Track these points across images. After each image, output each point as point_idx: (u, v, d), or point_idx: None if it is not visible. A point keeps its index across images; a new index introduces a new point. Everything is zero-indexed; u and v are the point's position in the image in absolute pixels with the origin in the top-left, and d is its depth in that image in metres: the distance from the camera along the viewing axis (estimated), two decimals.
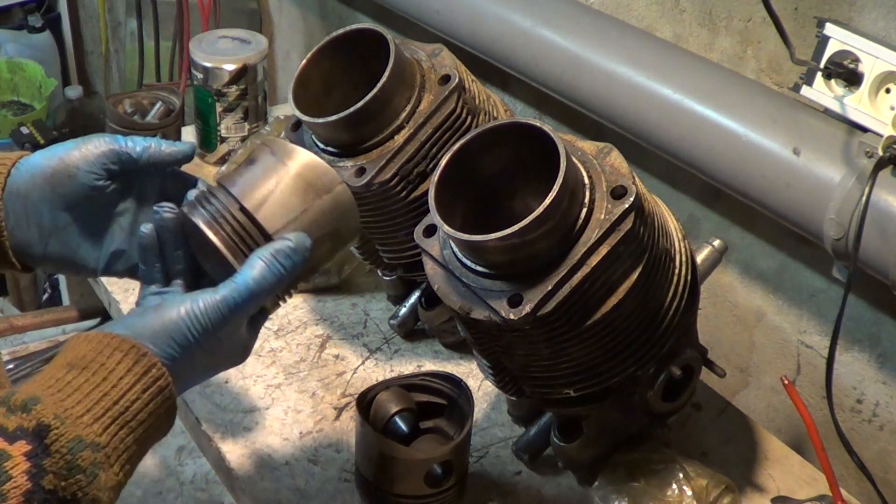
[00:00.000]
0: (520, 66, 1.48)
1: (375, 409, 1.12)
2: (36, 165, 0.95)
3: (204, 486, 1.33)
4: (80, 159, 0.94)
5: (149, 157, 0.96)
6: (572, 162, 0.95)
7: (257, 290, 0.86)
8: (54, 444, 0.76)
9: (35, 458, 0.75)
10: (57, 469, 0.76)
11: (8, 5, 3.26)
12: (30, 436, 0.76)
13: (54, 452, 0.76)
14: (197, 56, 1.70)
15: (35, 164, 0.95)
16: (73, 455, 0.76)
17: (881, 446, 1.29)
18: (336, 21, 2.14)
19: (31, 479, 0.75)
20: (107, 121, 1.67)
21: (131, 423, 0.81)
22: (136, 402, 0.81)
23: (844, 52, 1.13)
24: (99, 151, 0.95)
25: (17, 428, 0.76)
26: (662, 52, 1.33)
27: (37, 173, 0.95)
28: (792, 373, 1.38)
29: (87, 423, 0.79)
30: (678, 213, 1.14)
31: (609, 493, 1.09)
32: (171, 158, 0.97)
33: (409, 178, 1.14)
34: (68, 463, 0.76)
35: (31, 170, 0.95)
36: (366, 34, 1.15)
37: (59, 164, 0.94)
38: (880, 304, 1.25)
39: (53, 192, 0.95)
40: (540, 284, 0.93)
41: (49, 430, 0.76)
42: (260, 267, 0.86)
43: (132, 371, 0.81)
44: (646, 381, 1.07)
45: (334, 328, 1.40)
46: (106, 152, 0.95)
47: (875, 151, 1.08)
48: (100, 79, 3.34)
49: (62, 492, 0.76)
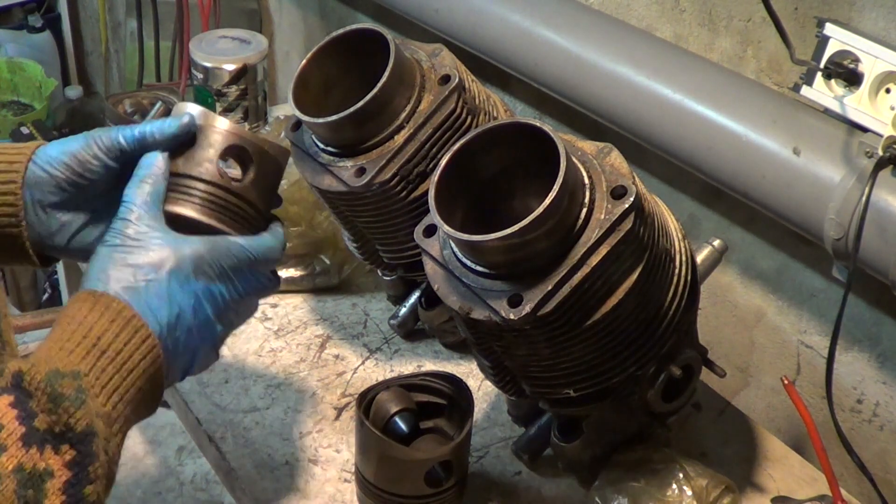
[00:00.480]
0: (520, 66, 1.48)
1: (375, 409, 1.12)
2: (54, 159, 0.96)
3: (204, 486, 1.33)
4: (92, 154, 0.96)
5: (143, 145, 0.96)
6: (572, 162, 0.95)
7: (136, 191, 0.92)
8: (31, 383, 0.77)
9: (20, 404, 0.76)
10: (43, 406, 0.76)
11: (8, 5, 3.26)
12: (8, 390, 0.77)
13: (35, 391, 0.77)
14: (197, 56, 1.70)
15: (53, 156, 0.96)
16: (53, 386, 0.77)
17: (881, 446, 1.29)
18: (336, 21, 2.14)
19: (22, 422, 0.75)
20: (107, 121, 1.67)
21: (107, 353, 0.82)
22: (106, 333, 0.83)
23: (844, 52, 1.13)
24: (103, 147, 0.96)
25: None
26: (662, 52, 1.33)
27: (55, 167, 0.96)
28: (792, 373, 1.38)
29: (61, 358, 0.80)
30: (678, 213, 1.14)
31: (609, 493, 1.09)
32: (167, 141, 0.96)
33: (409, 178, 1.14)
34: (50, 395, 0.77)
35: (49, 162, 0.96)
36: (366, 34, 1.15)
37: (72, 159, 0.96)
38: (880, 304, 1.25)
39: (72, 185, 0.97)
40: (540, 284, 0.93)
41: (22, 375, 0.78)
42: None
43: (94, 310, 0.84)
44: (646, 381, 1.07)
45: (334, 328, 1.40)
46: (109, 145, 0.96)
47: (875, 151, 1.08)
48: (100, 79, 3.34)
49: (56, 426, 0.76)
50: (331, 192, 1.17)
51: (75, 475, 0.76)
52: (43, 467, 0.75)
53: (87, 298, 0.85)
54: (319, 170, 1.17)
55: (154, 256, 0.89)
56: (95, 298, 0.85)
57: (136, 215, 0.90)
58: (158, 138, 0.95)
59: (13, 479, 0.73)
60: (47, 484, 0.75)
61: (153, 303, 0.87)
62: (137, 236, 0.90)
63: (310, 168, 1.18)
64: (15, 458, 0.74)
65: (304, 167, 1.19)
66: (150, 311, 0.87)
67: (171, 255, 0.90)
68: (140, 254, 0.89)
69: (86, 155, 0.96)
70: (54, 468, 0.75)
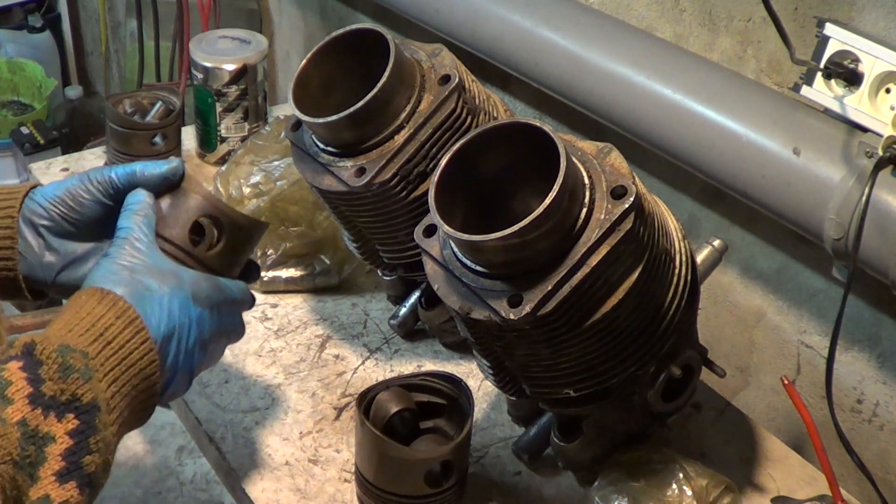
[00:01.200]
0: (520, 66, 1.48)
1: (375, 409, 1.12)
2: (48, 194, 1.01)
3: (204, 486, 1.33)
4: (85, 189, 1.00)
5: (133, 181, 1.01)
6: (572, 162, 0.95)
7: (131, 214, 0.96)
8: (43, 353, 0.80)
9: (29, 369, 0.78)
10: (52, 374, 0.79)
11: (8, 5, 3.26)
12: (18, 356, 0.79)
13: (45, 359, 0.79)
14: (197, 56, 1.70)
15: (47, 193, 1.01)
16: (64, 357, 0.80)
17: (881, 446, 1.29)
18: (336, 21, 2.14)
19: (30, 383, 0.77)
20: (107, 121, 1.67)
21: (112, 345, 0.84)
22: (112, 327, 0.85)
23: (844, 52, 1.13)
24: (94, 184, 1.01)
25: (4, 357, 0.79)
26: (662, 52, 1.33)
27: (48, 202, 1.00)
28: (792, 373, 1.38)
29: (71, 338, 0.83)
30: (678, 213, 1.14)
31: (609, 493, 1.09)
32: (156, 179, 1.01)
33: (409, 178, 1.14)
34: (61, 365, 0.79)
35: (44, 198, 1.01)
36: (366, 34, 1.15)
37: (66, 194, 1.00)
38: (880, 304, 1.25)
39: (64, 219, 1.00)
40: (540, 284, 0.93)
41: (34, 345, 0.80)
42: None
43: (101, 303, 0.87)
44: (646, 381, 1.07)
45: (334, 328, 1.40)
46: (101, 182, 1.00)
47: (875, 151, 1.08)
48: (100, 79, 3.35)
49: (62, 394, 0.78)
50: (331, 192, 1.17)
51: (77, 444, 0.78)
52: (46, 431, 0.77)
53: (94, 293, 0.88)
54: (319, 170, 1.17)
55: (157, 273, 0.92)
56: (103, 294, 0.88)
57: (136, 237, 0.94)
58: (147, 176, 0.99)
59: (17, 430, 0.75)
60: (48, 448, 0.77)
61: (154, 312, 0.90)
62: (139, 254, 0.93)
63: (310, 168, 1.18)
64: (20, 413, 0.76)
65: (304, 167, 1.19)
66: (151, 319, 0.89)
67: (173, 276, 0.93)
68: (143, 268, 0.92)
69: (79, 190, 1.00)
70: (56, 434, 0.77)
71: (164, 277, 0.92)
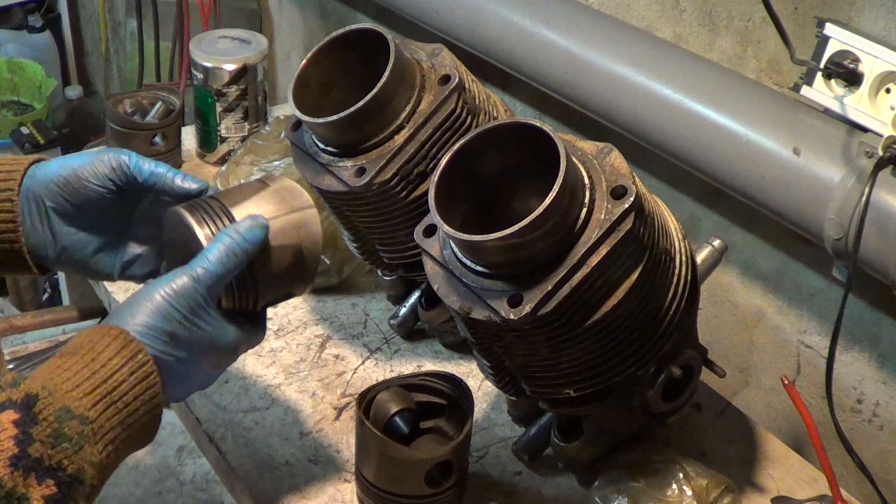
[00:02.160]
0: (520, 66, 1.48)
1: (375, 409, 1.12)
2: (51, 173, 0.98)
3: (204, 486, 1.33)
4: (91, 173, 0.97)
5: (155, 183, 0.98)
6: (572, 162, 0.95)
7: (225, 258, 0.90)
8: (42, 413, 0.78)
9: (23, 425, 0.76)
10: (44, 437, 0.77)
11: (8, 5, 3.26)
12: (17, 406, 0.77)
13: (41, 420, 0.77)
14: (197, 56, 1.70)
15: (50, 171, 0.98)
16: (61, 423, 0.78)
17: (881, 446, 1.29)
18: (336, 21, 2.15)
19: (17, 444, 0.76)
20: (107, 121, 1.67)
21: (117, 404, 0.83)
22: (123, 384, 0.83)
23: (844, 52, 1.13)
24: (108, 167, 0.98)
25: (5, 401, 0.78)
26: (662, 52, 1.33)
27: (51, 181, 0.98)
28: (792, 373, 1.38)
29: (76, 398, 0.80)
30: (678, 213, 1.14)
31: (609, 493, 1.09)
32: (178, 192, 0.99)
33: (409, 178, 1.14)
34: (55, 431, 0.77)
35: (46, 176, 0.98)
36: (366, 34, 1.15)
37: (71, 175, 0.98)
38: (880, 304, 1.25)
39: (67, 201, 0.98)
40: (540, 284, 0.93)
41: (37, 399, 0.78)
42: (223, 240, 0.91)
43: (120, 354, 0.84)
44: (646, 381, 1.07)
45: (334, 328, 1.40)
46: (115, 168, 0.97)
47: (875, 151, 1.08)
48: (100, 79, 3.35)
49: (48, 460, 0.77)
50: (331, 192, 1.17)
51: None
52: (22, 492, 0.75)
53: (117, 338, 0.85)
54: (319, 170, 1.17)
55: (201, 343, 0.91)
56: (125, 342, 0.85)
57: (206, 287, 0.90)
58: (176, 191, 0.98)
59: None
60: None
61: (176, 381, 0.89)
62: (197, 318, 0.90)
63: (310, 168, 1.18)
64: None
65: (304, 167, 1.19)
66: (169, 385, 0.88)
67: (214, 346, 0.92)
68: (191, 336, 0.89)
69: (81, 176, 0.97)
70: (32, 496, 0.76)
71: (203, 347, 0.91)
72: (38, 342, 1.75)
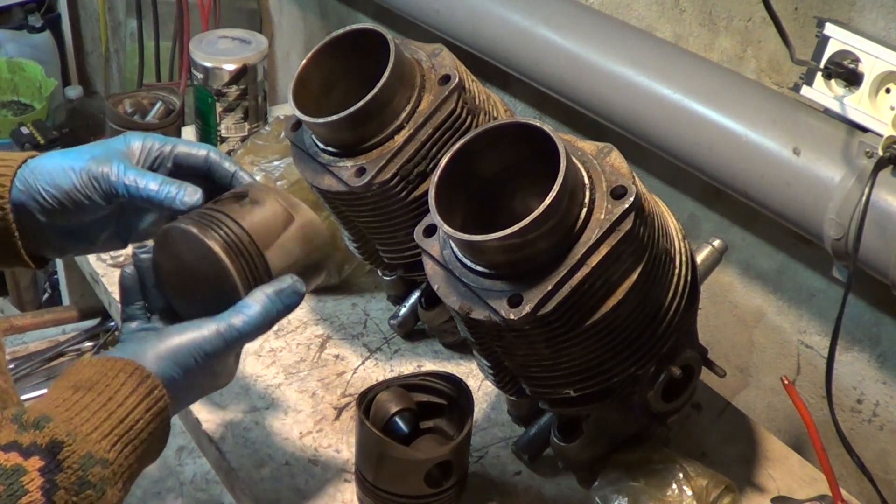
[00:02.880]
0: (520, 66, 1.48)
1: (375, 409, 1.12)
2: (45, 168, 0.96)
3: (204, 486, 1.33)
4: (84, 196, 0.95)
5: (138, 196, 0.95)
6: (572, 162, 0.95)
7: (261, 323, 0.91)
8: (67, 461, 0.78)
9: (48, 473, 0.77)
10: (69, 485, 0.78)
11: (8, 5, 3.26)
12: (43, 452, 0.78)
13: (66, 468, 0.78)
14: (197, 56, 1.70)
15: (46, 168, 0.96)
16: (85, 471, 0.79)
17: (881, 446, 1.29)
18: (336, 21, 2.15)
19: (44, 493, 0.77)
20: (107, 121, 1.67)
21: (134, 442, 0.84)
22: (139, 422, 0.84)
23: (844, 52, 1.13)
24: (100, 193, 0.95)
25: (31, 444, 0.78)
26: (662, 52, 1.33)
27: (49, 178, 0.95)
28: (792, 373, 1.38)
29: (96, 440, 0.81)
30: (678, 213, 1.14)
31: (609, 493, 1.09)
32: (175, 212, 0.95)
33: (409, 178, 1.14)
34: (80, 478, 0.78)
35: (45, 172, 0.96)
36: (366, 34, 1.15)
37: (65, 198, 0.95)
38: (880, 304, 1.25)
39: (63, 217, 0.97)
40: (540, 284, 0.93)
41: (62, 446, 0.79)
42: (264, 302, 0.91)
43: (136, 392, 0.85)
44: (646, 381, 1.07)
45: (334, 328, 1.40)
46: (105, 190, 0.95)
47: (875, 151, 1.08)
48: (100, 79, 3.35)
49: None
50: (331, 192, 1.17)
51: None
52: None
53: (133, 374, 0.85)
54: (319, 170, 1.17)
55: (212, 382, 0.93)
56: (141, 378, 0.85)
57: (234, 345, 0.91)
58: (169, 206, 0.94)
59: None
60: None
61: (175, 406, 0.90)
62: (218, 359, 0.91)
63: (310, 168, 1.18)
64: None
65: (304, 167, 1.19)
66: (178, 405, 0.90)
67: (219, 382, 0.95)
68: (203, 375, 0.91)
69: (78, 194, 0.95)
70: None
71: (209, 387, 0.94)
72: (38, 342, 1.76)
